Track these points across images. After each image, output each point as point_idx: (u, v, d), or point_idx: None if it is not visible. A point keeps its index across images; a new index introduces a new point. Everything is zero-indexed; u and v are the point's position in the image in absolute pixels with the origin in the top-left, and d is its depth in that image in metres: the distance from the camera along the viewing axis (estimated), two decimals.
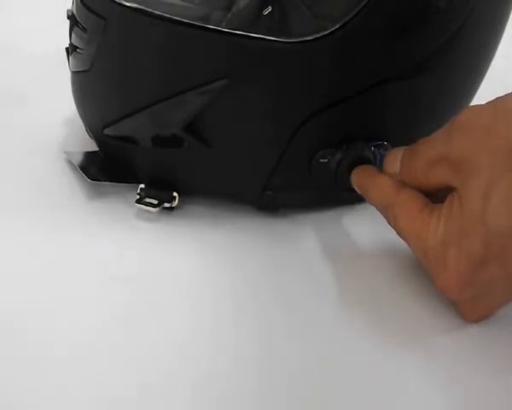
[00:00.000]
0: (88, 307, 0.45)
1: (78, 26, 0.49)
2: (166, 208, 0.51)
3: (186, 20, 0.45)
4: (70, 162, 0.55)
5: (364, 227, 0.52)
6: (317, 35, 0.45)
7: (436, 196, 0.44)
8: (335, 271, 0.48)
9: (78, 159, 0.54)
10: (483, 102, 0.42)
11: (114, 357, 0.42)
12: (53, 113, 0.59)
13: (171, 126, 0.48)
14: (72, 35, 0.51)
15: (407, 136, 0.49)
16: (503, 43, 0.54)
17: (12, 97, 0.62)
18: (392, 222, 0.45)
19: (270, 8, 0.47)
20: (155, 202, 0.51)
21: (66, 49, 0.53)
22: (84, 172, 0.52)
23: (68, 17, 0.51)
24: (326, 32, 0.45)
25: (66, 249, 0.49)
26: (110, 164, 0.53)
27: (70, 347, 0.42)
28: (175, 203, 0.51)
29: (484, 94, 0.54)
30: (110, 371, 0.41)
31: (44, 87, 0.63)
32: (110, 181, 0.52)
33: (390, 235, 0.46)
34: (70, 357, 0.42)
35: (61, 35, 0.53)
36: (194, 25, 0.45)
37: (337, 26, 0.45)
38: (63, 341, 0.42)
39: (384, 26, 0.46)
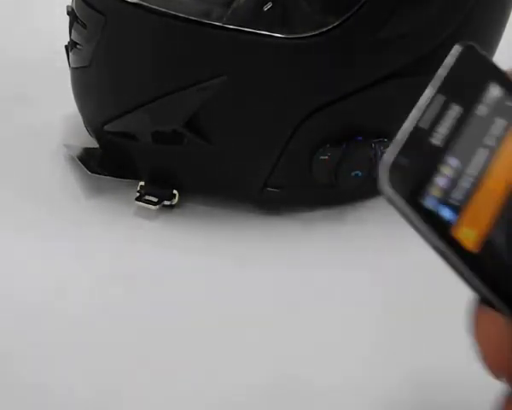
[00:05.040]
0: (87, 305, 0.45)
1: (77, 23, 0.49)
2: (166, 206, 0.51)
3: (186, 16, 0.45)
4: (70, 159, 0.55)
5: (366, 225, 0.52)
6: (318, 31, 0.45)
7: None
8: (337, 270, 0.48)
9: (78, 152, 0.54)
10: None
11: (113, 356, 0.42)
12: (53, 111, 0.59)
13: (172, 123, 0.48)
14: (72, 31, 0.51)
15: None
16: (504, 43, 0.53)
17: (12, 95, 0.62)
18: None
19: (270, 4, 0.47)
20: (155, 199, 0.51)
21: (66, 46, 0.53)
22: (84, 164, 0.52)
23: (68, 13, 0.51)
24: (326, 29, 0.45)
25: (65, 247, 0.49)
26: (110, 160, 0.53)
27: (68, 345, 0.42)
28: (175, 201, 0.51)
29: None
30: (109, 370, 0.41)
31: (44, 85, 0.63)
32: (110, 175, 0.52)
33: (392, 233, 0.46)
34: (69, 355, 0.42)
35: (62, 33, 0.53)
36: (195, 21, 0.45)
37: (338, 23, 0.45)
38: (62, 339, 0.42)
39: (384, 23, 0.46)
